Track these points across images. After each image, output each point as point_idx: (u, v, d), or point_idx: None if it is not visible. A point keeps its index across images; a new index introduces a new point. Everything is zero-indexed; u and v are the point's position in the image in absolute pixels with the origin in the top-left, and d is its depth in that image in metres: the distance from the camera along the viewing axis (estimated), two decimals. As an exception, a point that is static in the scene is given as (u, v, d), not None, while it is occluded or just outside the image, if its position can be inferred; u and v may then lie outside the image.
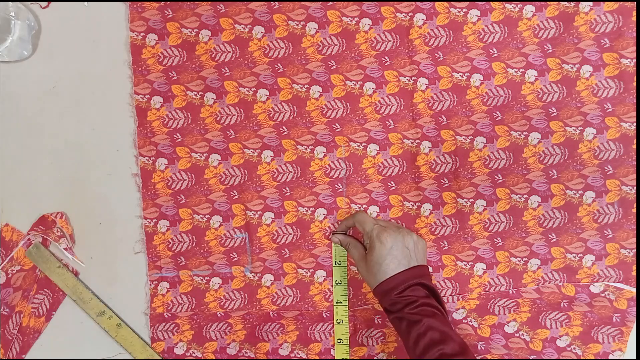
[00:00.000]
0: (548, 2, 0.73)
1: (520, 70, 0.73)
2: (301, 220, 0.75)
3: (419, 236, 0.69)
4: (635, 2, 0.72)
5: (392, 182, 0.75)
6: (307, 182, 0.74)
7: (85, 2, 0.75)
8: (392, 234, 0.66)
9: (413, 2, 0.73)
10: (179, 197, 0.74)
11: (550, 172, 0.73)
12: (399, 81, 0.74)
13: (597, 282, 0.73)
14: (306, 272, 0.75)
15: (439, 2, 0.73)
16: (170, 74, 0.74)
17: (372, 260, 0.66)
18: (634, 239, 0.73)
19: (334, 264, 0.74)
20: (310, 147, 0.74)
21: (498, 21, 0.73)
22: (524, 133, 0.74)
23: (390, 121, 0.74)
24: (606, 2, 0.72)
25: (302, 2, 0.74)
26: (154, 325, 0.74)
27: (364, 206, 0.74)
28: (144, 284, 0.75)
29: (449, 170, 0.74)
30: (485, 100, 0.74)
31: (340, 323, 0.73)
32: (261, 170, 0.74)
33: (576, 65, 0.73)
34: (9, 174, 0.75)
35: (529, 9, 0.73)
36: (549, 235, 0.73)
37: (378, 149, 0.74)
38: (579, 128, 0.73)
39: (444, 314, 0.63)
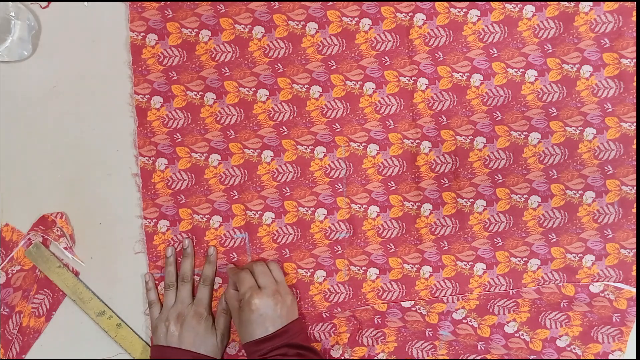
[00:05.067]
0: (548, 2, 0.73)
1: (520, 70, 0.73)
2: (301, 220, 0.75)
3: (294, 296, 0.70)
4: (635, 2, 0.72)
5: (392, 182, 0.74)
6: (307, 182, 0.74)
7: (85, 2, 0.75)
8: (265, 300, 0.66)
9: (413, 2, 0.73)
10: (179, 197, 0.74)
11: (550, 172, 0.73)
12: (399, 81, 0.74)
13: (597, 282, 0.73)
14: (306, 272, 0.75)
15: (439, 2, 0.73)
16: (170, 74, 0.74)
17: (241, 320, 0.66)
18: (634, 239, 0.73)
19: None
20: (310, 147, 0.74)
21: (498, 21, 0.73)
22: (524, 133, 0.74)
23: (390, 121, 0.74)
24: (606, 2, 0.72)
25: (302, 2, 0.74)
26: (154, 325, 0.74)
27: (364, 206, 0.74)
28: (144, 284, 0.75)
29: (449, 170, 0.74)
30: (485, 100, 0.74)
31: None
32: (261, 170, 0.74)
33: (576, 65, 0.73)
34: (9, 174, 0.75)
35: (529, 9, 0.73)
36: (549, 235, 0.73)
37: (378, 149, 0.74)
38: (579, 128, 0.73)
39: None
